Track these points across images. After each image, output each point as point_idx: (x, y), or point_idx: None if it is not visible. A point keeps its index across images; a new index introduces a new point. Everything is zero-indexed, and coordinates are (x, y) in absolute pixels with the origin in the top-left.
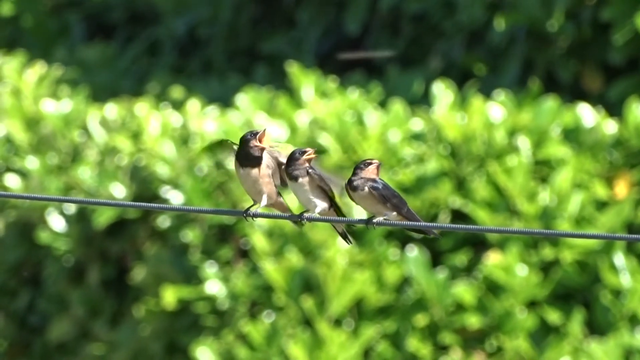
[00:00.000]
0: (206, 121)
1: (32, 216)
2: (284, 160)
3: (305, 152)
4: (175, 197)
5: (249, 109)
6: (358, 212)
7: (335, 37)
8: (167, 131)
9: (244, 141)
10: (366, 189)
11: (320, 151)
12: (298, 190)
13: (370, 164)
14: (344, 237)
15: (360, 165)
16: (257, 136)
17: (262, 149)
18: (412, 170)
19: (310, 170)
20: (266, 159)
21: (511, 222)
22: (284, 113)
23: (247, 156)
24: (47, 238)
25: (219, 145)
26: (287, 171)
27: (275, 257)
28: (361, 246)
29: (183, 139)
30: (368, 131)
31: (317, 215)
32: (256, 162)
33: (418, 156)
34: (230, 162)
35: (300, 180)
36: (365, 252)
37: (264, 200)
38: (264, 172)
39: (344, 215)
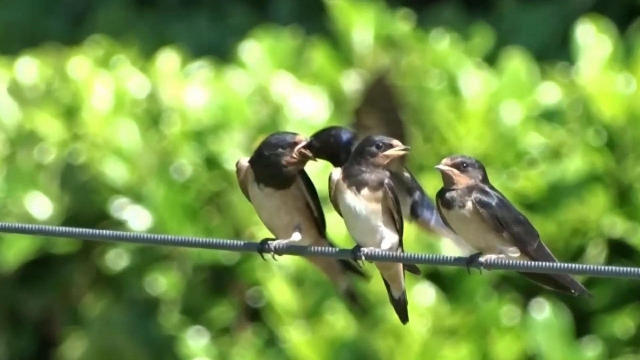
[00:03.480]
0: (190, 87)
1: None
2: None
3: (388, 144)
4: (137, 217)
5: (262, 66)
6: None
7: None
8: (124, 104)
9: (275, 146)
10: (469, 204)
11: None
12: (359, 211)
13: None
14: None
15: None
16: (295, 146)
17: (295, 166)
18: (541, 171)
19: (387, 181)
20: (302, 178)
21: None
22: (322, 74)
23: (274, 171)
24: None
25: None
26: (346, 172)
27: (308, 319)
28: (454, 302)
29: (151, 117)
30: (466, 105)
31: (383, 252)
32: (287, 180)
33: (551, 148)
34: (233, 165)
35: (367, 192)
36: (462, 311)
37: (296, 237)
38: (298, 194)
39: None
